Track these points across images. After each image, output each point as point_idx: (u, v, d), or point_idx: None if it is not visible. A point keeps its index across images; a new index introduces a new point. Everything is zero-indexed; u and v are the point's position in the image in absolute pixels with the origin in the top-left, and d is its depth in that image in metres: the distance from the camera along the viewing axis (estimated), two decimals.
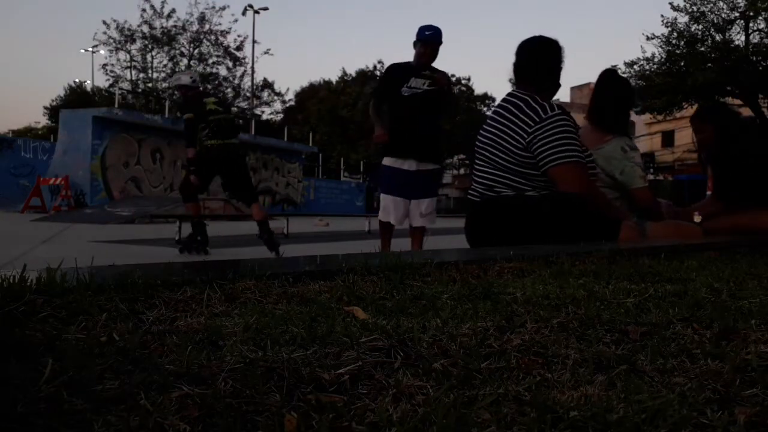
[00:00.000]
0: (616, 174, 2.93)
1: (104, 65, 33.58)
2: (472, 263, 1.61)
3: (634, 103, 3.27)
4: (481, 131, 2.73)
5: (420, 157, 4.22)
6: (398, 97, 4.24)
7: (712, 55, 20.53)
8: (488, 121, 2.71)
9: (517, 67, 2.70)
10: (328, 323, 0.89)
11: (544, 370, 0.73)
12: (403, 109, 4.23)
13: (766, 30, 20.92)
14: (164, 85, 33.03)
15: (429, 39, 4.25)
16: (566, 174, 2.48)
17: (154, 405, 0.57)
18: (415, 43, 4.29)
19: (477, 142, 2.73)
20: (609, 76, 3.16)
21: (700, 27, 21.05)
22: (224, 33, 33.11)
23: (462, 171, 42.99)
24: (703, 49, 20.87)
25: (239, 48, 33.87)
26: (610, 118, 3.05)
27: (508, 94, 2.68)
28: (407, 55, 4.37)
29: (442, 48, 4.33)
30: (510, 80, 2.75)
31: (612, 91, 3.08)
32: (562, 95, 45.03)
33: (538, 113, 2.50)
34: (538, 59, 2.66)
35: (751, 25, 20.98)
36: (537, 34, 2.75)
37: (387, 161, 4.28)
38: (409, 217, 4.27)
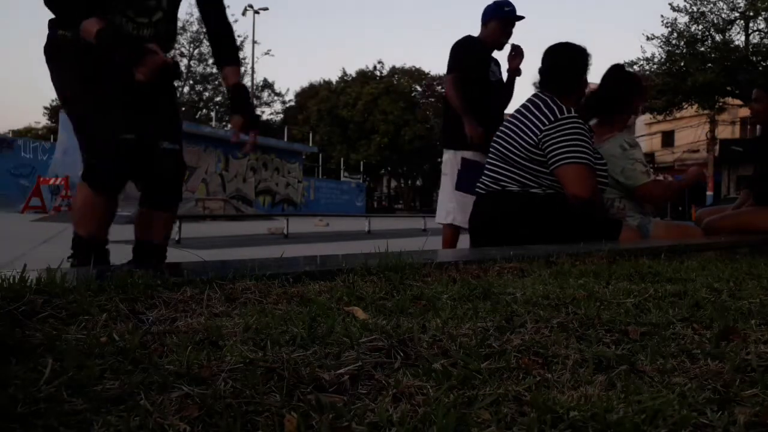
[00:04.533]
0: (616, 173, 2.93)
1: None
2: (472, 263, 1.61)
3: (635, 98, 3.22)
4: (500, 127, 2.79)
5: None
6: (485, 82, 3.65)
7: (712, 55, 20.53)
8: (508, 117, 2.77)
9: (541, 70, 2.74)
10: (328, 323, 0.89)
11: (544, 370, 0.73)
12: (490, 96, 3.65)
13: (766, 30, 20.93)
14: None
15: (509, 16, 3.65)
16: (572, 175, 2.51)
17: (154, 405, 0.57)
18: (487, 23, 3.71)
19: (494, 137, 2.77)
20: (612, 72, 3.15)
21: (700, 27, 21.06)
22: None
23: None
24: (703, 49, 20.88)
25: (239, 48, 33.90)
26: (614, 114, 3.05)
27: (533, 95, 2.74)
28: (407, 54, 4.01)
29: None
30: (534, 84, 2.78)
31: (611, 86, 3.07)
32: None
33: (554, 113, 2.55)
34: (561, 65, 2.70)
35: (751, 25, 20.99)
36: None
37: (470, 155, 3.61)
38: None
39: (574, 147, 2.51)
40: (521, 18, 3.70)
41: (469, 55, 3.66)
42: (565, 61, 2.71)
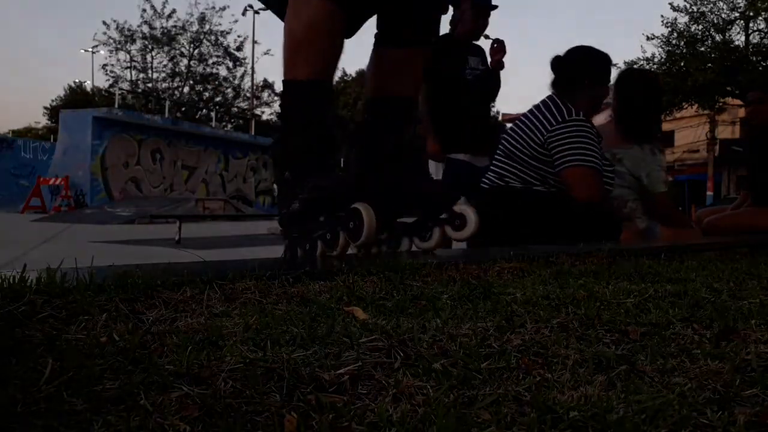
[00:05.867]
0: (642, 176, 2.91)
1: (104, 65, 33.63)
2: (472, 263, 1.61)
3: (663, 105, 3.19)
4: (511, 125, 2.80)
5: (490, 150, 3.35)
6: (462, 82, 3.54)
7: (712, 55, 20.55)
8: (521, 117, 2.78)
9: (557, 71, 2.74)
10: (328, 324, 0.89)
11: (544, 370, 0.73)
12: (470, 96, 3.55)
13: (766, 30, 20.95)
14: (164, 85, 33.09)
15: (482, 6, 3.51)
16: (579, 177, 2.51)
17: (154, 405, 0.57)
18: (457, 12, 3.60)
19: (503, 136, 2.78)
20: (635, 77, 3.12)
21: (700, 27, 21.09)
22: (224, 33, 33.14)
23: None
24: (703, 49, 20.90)
25: (239, 48, 33.90)
26: (638, 126, 3.00)
27: (546, 96, 2.75)
28: None
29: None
30: (551, 85, 2.78)
31: (640, 97, 3.02)
32: None
33: (563, 114, 2.56)
34: (572, 68, 2.70)
35: (751, 25, 21.01)
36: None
37: (459, 156, 3.55)
38: None
39: (579, 149, 2.51)
40: (495, 7, 3.61)
41: (440, 59, 3.50)
42: (577, 64, 2.71)
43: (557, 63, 2.74)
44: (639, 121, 2.98)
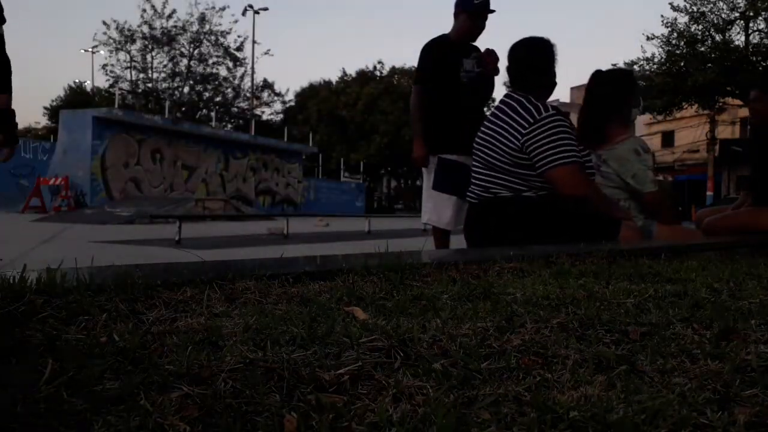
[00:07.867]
0: (628, 177, 2.92)
1: (104, 65, 33.57)
2: (472, 263, 1.61)
3: (629, 105, 3.13)
4: (479, 132, 2.74)
5: None
6: (458, 85, 3.53)
7: (712, 55, 20.55)
8: (485, 122, 2.73)
9: (510, 69, 2.72)
10: (328, 323, 0.89)
11: (544, 370, 0.73)
12: (464, 98, 3.54)
13: (766, 30, 20.95)
14: (164, 85, 33.09)
15: (480, 9, 3.50)
16: (564, 176, 2.48)
17: (154, 405, 0.57)
18: (457, 15, 3.57)
19: (474, 144, 2.74)
20: (607, 77, 3.12)
21: (700, 27, 21.08)
22: (224, 33, 33.09)
23: None
24: (703, 49, 20.90)
25: (239, 48, 33.86)
26: (592, 128, 3.01)
27: (505, 95, 2.70)
28: (407, 54, 3.77)
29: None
30: (504, 83, 2.75)
31: (596, 100, 3.03)
32: (562, 95, 44.96)
33: (533, 114, 2.51)
34: (529, 61, 2.67)
35: (751, 25, 21.01)
36: (534, 33, 2.76)
37: (450, 156, 3.52)
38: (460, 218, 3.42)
39: (559, 147, 2.47)
40: (492, 11, 3.58)
41: (437, 61, 3.54)
42: (534, 58, 2.68)
43: (516, 60, 2.70)
44: (613, 120, 2.98)
